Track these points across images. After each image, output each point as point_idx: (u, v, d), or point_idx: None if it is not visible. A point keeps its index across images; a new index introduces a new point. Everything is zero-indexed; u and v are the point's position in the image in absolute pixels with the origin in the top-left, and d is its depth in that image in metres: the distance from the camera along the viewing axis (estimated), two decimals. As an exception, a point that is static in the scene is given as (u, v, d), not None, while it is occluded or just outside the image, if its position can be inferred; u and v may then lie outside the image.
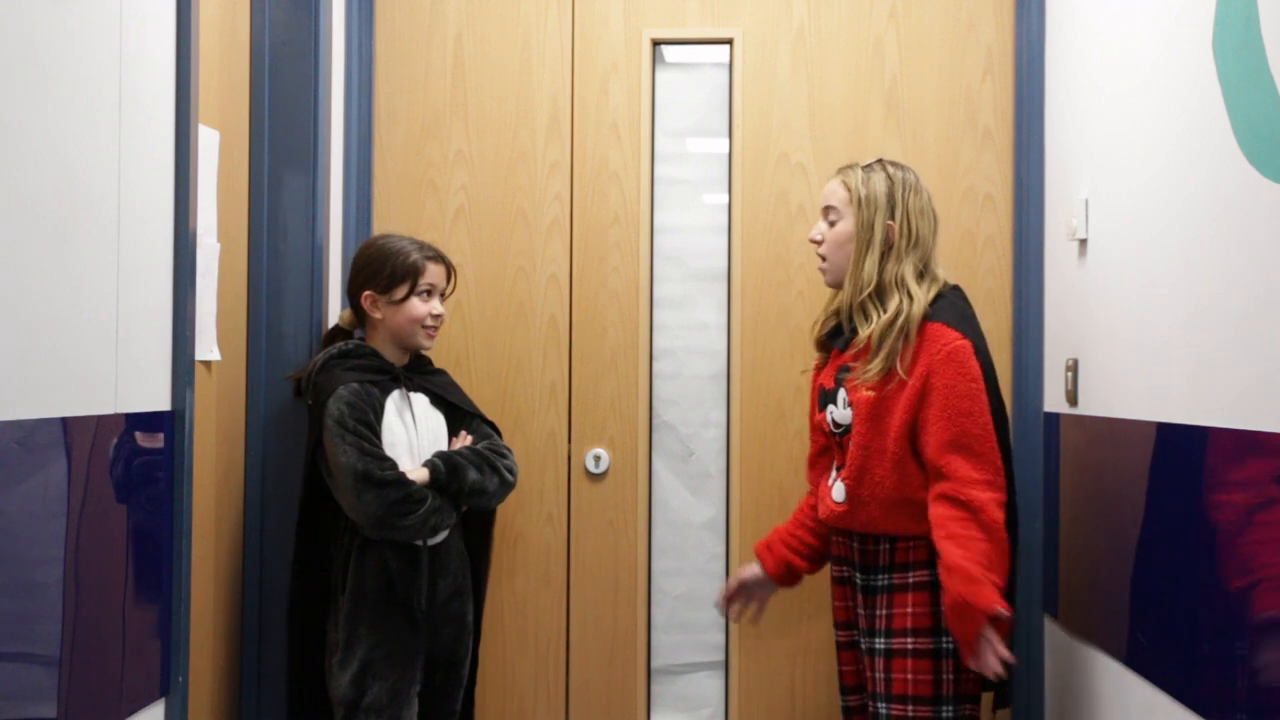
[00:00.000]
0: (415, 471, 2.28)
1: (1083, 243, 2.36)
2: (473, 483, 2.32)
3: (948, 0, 2.78)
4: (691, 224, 2.87)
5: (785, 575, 2.41)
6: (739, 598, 2.46)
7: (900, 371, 2.10)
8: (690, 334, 2.86)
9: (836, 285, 2.27)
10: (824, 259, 2.27)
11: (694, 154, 2.88)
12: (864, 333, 2.17)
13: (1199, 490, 1.76)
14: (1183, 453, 1.82)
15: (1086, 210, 2.33)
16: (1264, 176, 1.56)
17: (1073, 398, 2.40)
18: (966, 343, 2.10)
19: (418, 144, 2.85)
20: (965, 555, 1.99)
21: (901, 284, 2.16)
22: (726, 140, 2.84)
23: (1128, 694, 2.05)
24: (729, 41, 2.82)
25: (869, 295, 2.18)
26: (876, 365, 2.13)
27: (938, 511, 2.06)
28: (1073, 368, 2.40)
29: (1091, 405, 2.30)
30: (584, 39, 2.84)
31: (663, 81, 2.87)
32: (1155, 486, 1.94)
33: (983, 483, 2.04)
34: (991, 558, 2.00)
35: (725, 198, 2.84)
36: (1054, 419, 2.51)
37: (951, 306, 2.17)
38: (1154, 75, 1.98)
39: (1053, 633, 2.52)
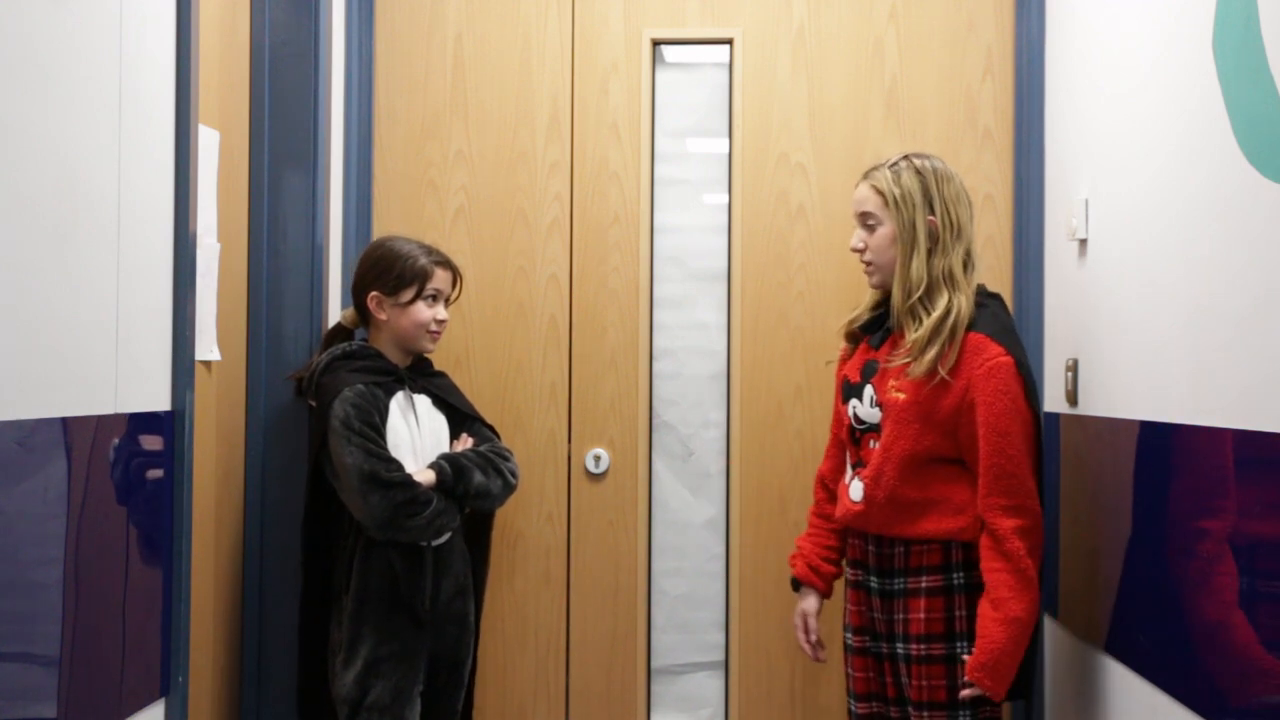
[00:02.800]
0: (421, 473, 2.28)
1: (1083, 243, 2.36)
2: (478, 485, 2.32)
3: (948, 0, 2.78)
4: (691, 224, 2.87)
5: (830, 588, 2.41)
6: (817, 637, 2.40)
7: (942, 372, 2.09)
8: (690, 334, 2.86)
9: (883, 287, 2.23)
10: (869, 264, 2.23)
11: (694, 154, 2.88)
12: (912, 335, 2.13)
13: (1199, 490, 1.76)
14: (1182, 453, 1.82)
15: (1086, 210, 2.33)
16: (1264, 176, 1.56)
17: (1073, 398, 2.40)
18: (1009, 359, 2.08)
19: (418, 144, 2.85)
20: (994, 619, 2.03)
21: (950, 277, 2.13)
22: (726, 140, 2.84)
23: (1128, 694, 2.05)
24: (729, 41, 2.82)
25: (919, 298, 2.14)
26: (925, 365, 2.09)
27: (982, 540, 2.10)
28: (1073, 368, 2.40)
29: (1091, 405, 2.29)
30: (584, 39, 2.84)
31: (663, 81, 2.87)
32: (1154, 486, 1.94)
33: (1005, 508, 2.06)
34: (1012, 586, 2.04)
35: (725, 198, 2.84)
36: (1054, 419, 2.51)
37: (995, 318, 2.15)
38: (1154, 75, 1.98)
39: (1053, 632, 2.52)
